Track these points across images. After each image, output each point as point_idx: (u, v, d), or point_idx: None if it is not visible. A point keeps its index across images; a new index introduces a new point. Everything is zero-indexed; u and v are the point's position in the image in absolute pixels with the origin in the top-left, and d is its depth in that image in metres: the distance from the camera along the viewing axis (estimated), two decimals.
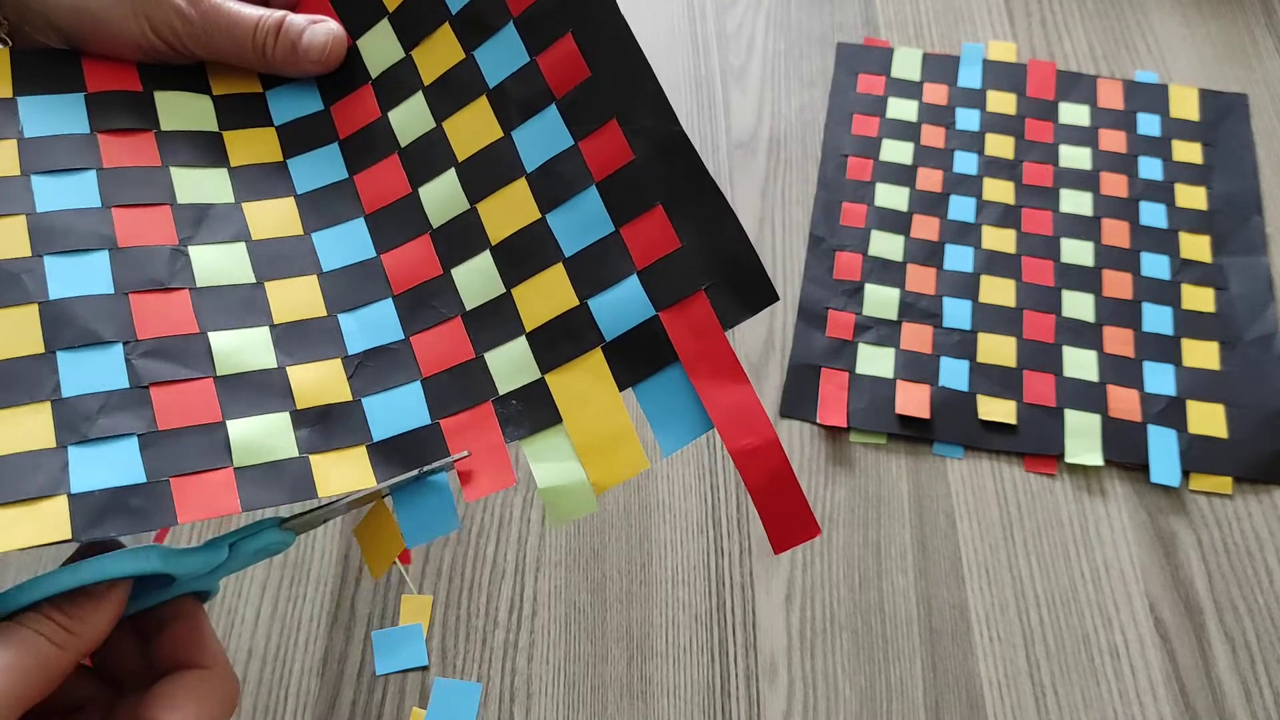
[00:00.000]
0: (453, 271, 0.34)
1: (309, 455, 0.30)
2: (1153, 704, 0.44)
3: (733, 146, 0.59)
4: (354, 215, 0.35)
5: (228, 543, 0.30)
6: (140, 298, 0.31)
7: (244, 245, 0.34)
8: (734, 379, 0.30)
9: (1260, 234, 0.55)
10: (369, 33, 0.37)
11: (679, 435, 0.31)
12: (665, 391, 0.31)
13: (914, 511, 0.48)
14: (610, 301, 0.32)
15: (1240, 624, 0.45)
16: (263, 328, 0.32)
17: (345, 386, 0.32)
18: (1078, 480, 0.49)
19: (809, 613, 0.46)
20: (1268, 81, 0.61)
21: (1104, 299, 0.53)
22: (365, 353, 0.33)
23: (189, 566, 0.29)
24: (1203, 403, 0.50)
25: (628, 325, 0.31)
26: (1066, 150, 0.58)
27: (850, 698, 0.44)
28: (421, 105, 0.36)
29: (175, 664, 0.29)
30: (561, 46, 0.34)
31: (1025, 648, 0.45)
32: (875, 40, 0.63)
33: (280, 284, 0.34)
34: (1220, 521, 0.48)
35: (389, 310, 0.34)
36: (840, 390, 0.51)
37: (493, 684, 0.44)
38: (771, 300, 0.30)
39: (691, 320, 0.31)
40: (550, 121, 0.34)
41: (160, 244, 0.33)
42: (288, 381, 0.32)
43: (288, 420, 0.31)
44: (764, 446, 0.29)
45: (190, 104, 0.36)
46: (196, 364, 0.31)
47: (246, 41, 0.36)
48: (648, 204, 0.32)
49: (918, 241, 0.55)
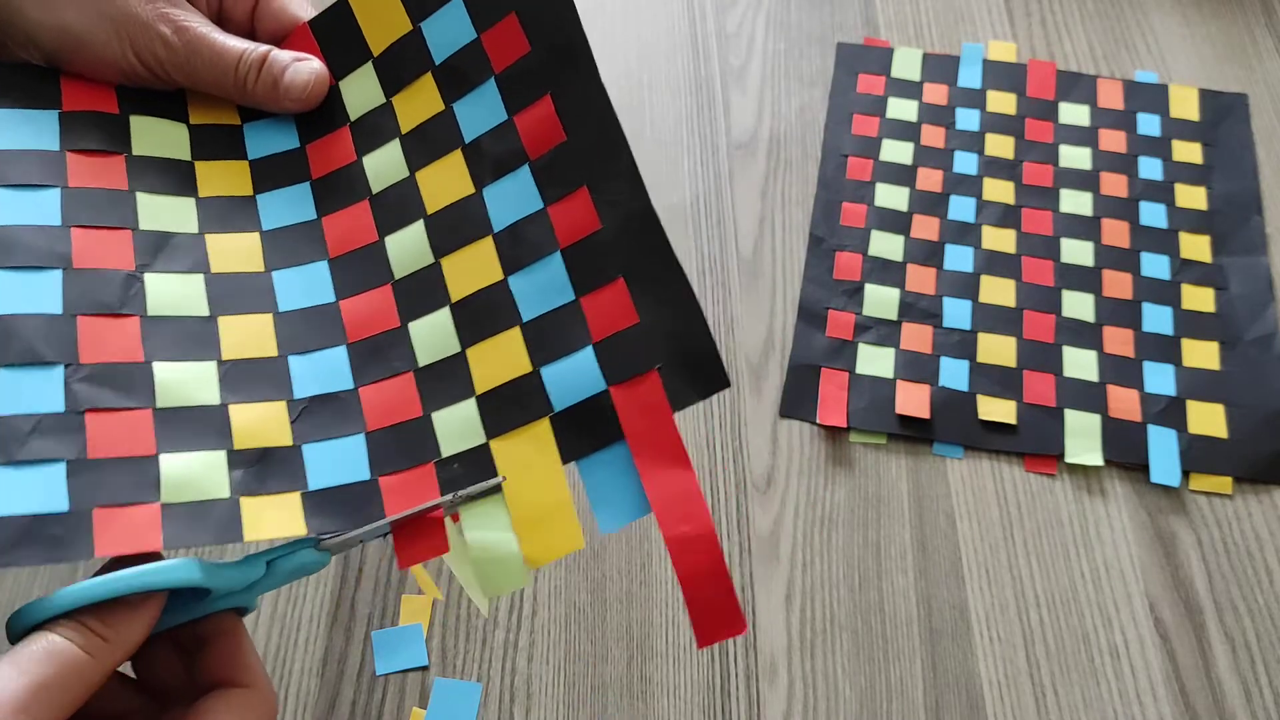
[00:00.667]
0: (410, 325, 0.33)
1: (240, 497, 0.29)
2: (1153, 704, 0.44)
3: (733, 146, 0.59)
4: (318, 258, 0.35)
5: (265, 559, 0.30)
6: (88, 321, 0.31)
7: (202, 277, 0.33)
8: (677, 463, 0.30)
9: (1260, 234, 0.55)
10: (352, 75, 0.37)
11: (618, 515, 0.30)
12: (608, 469, 0.31)
13: (914, 511, 0.48)
14: (562, 371, 0.31)
15: (1240, 624, 0.45)
16: (210, 362, 0.32)
17: (287, 431, 0.31)
18: (1078, 480, 0.49)
19: (809, 613, 0.46)
20: (1268, 81, 0.61)
21: (1104, 299, 0.53)
22: (312, 398, 0.32)
23: (225, 581, 0.29)
24: (1203, 403, 0.50)
25: (577, 397, 0.31)
26: (1066, 150, 0.58)
27: (850, 698, 0.44)
28: (397, 153, 0.36)
29: (216, 681, 0.29)
30: (540, 108, 0.33)
31: (1025, 648, 0.45)
32: (875, 40, 0.63)
33: (234, 319, 0.33)
34: (1220, 521, 0.48)
35: (342, 358, 0.33)
36: (840, 390, 0.51)
37: (493, 684, 0.44)
38: (723, 387, 0.30)
39: (641, 399, 0.30)
40: (522, 182, 0.33)
41: (116, 268, 0.32)
42: (228, 420, 0.31)
43: (223, 459, 0.30)
44: (700, 537, 0.29)
45: (165, 131, 0.36)
46: (137, 394, 0.30)
47: (229, 74, 0.35)
48: (610, 276, 0.32)
49: (918, 241, 0.55)
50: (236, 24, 0.37)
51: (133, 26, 0.34)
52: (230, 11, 0.37)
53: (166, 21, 0.35)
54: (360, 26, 0.37)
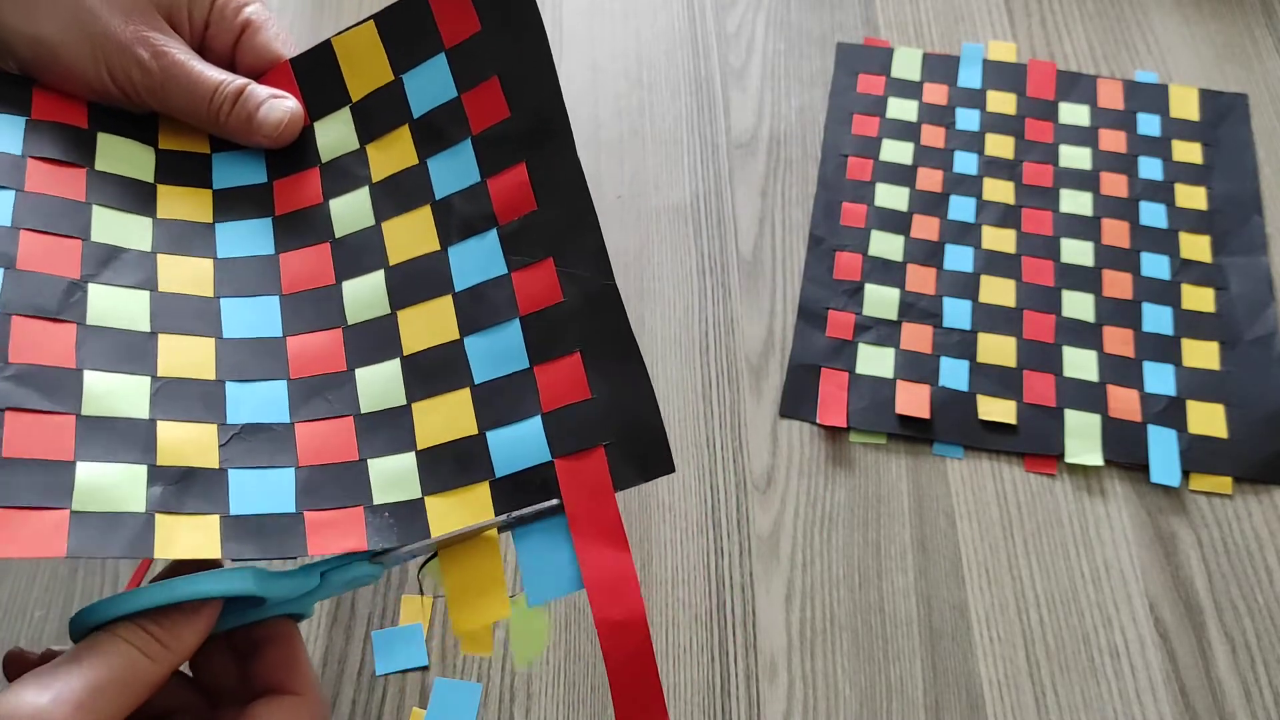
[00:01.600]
0: (357, 371, 0.33)
1: (156, 513, 0.29)
2: (1153, 704, 0.44)
3: (733, 146, 0.59)
4: (270, 292, 0.34)
5: (320, 570, 0.30)
6: (23, 321, 0.30)
7: (148, 294, 0.33)
8: (615, 544, 0.30)
9: (1260, 234, 0.55)
10: (328, 117, 0.37)
11: (548, 588, 0.30)
12: (544, 541, 0.30)
13: (914, 511, 0.48)
14: (509, 437, 0.31)
15: (1240, 624, 0.45)
16: (144, 377, 0.31)
17: (215, 453, 0.31)
18: (1078, 480, 0.49)
19: (809, 613, 0.46)
20: (1268, 81, 0.61)
21: (1104, 299, 0.53)
22: (245, 426, 0.32)
23: (281, 590, 0.29)
24: (1203, 403, 0.50)
25: (520, 465, 0.31)
26: (1066, 150, 0.58)
27: (850, 698, 0.44)
28: (365, 201, 0.35)
29: (269, 686, 0.29)
30: (514, 174, 0.33)
31: (1025, 648, 0.45)
32: (875, 40, 0.63)
33: (175, 339, 0.32)
34: (1220, 521, 0.48)
35: (281, 391, 0.33)
36: (840, 390, 0.51)
37: (493, 684, 0.44)
38: (667, 471, 0.30)
39: (585, 475, 0.30)
40: (489, 245, 0.33)
41: (60, 275, 0.32)
42: (154, 435, 0.30)
43: (143, 473, 0.29)
44: (631, 622, 0.29)
45: (131, 151, 0.35)
46: (62, 399, 0.30)
47: (203, 103, 0.35)
48: (567, 349, 0.32)
49: (918, 241, 0.55)
50: (218, 54, 0.37)
51: (110, 46, 0.34)
52: (213, 42, 0.37)
53: (146, 45, 0.35)
54: (342, 70, 0.37)
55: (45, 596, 0.46)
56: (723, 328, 0.53)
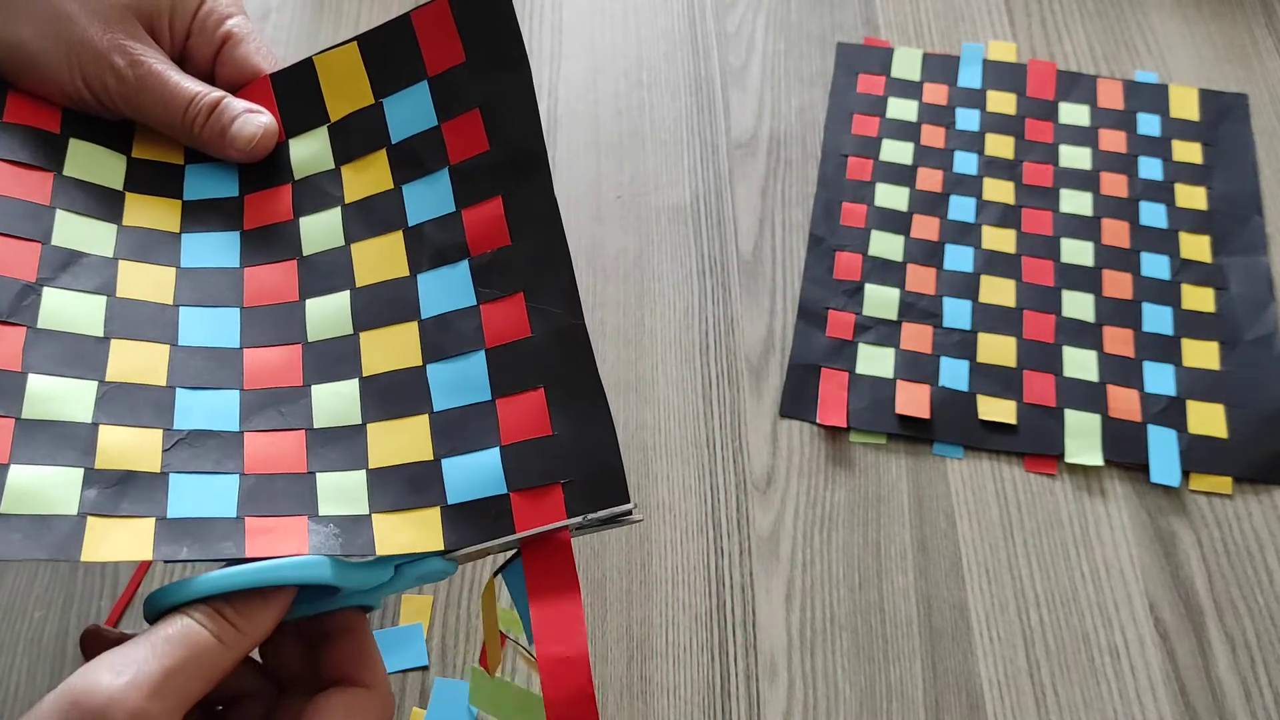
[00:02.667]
0: (314, 387, 0.33)
1: (88, 515, 0.28)
2: (1153, 704, 0.44)
3: (733, 146, 0.59)
4: (231, 303, 0.34)
5: (394, 563, 0.30)
6: None
7: (104, 299, 0.32)
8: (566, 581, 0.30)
9: (1260, 234, 0.55)
10: (304, 135, 0.36)
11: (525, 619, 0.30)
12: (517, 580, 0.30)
13: (914, 511, 0.48)
14: (464, 466, 0.31)
15: (1240, 624, 0.45)
16: (91, 382, 0.31)
17: (157, 458, 0.30)
18: (1078, 480, 0.49)
19: (809, 613, 0.46)
20: (1268, 81, 0.61)
21: (1104, 299, 0.53)
22: (192, 432, 0.31)
23: (355, 580, 0.29)
24: (1203, 403, 0.50)
25: (474, 495, 0.31)
26: (1066, 150, 0.58)
27: (850, 698, 0.44)
28: (336, 221, 0.35)
29: (338, 677, 0.30)
30: (489, 207, 0.33)
31: (1025, 648, 0.45)
32: (875, 40, 0.63)
33: (127, 344, 0.32)
34: (1220, 521, 0.48)
35: (232, 401, 0.32)
36: (840, 390, 0.51)
37: None
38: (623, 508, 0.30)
39: (541, 510, 0.30)
40: (459, 276, 0.33)
41: (15, 277, 0.31)
42: (95, 440, 0.30)
43: (79, 477, 0.29)
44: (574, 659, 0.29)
45: (102, 159, 0.35)
46: (2, 402, 0.29)
47: (178, 114, 0.35)
48: (531, 384, 0.31)
49: (918, 241, 0.55)
50: (198, 66, 0.37)
51: (86, 53, 0.34)
52: (193, 52, 0.37)
53: (122, 53, 0.34)
54: (322, 90, 0.36)
55: (45, 596, 0.46)
56: (723, 328, 0.53)
